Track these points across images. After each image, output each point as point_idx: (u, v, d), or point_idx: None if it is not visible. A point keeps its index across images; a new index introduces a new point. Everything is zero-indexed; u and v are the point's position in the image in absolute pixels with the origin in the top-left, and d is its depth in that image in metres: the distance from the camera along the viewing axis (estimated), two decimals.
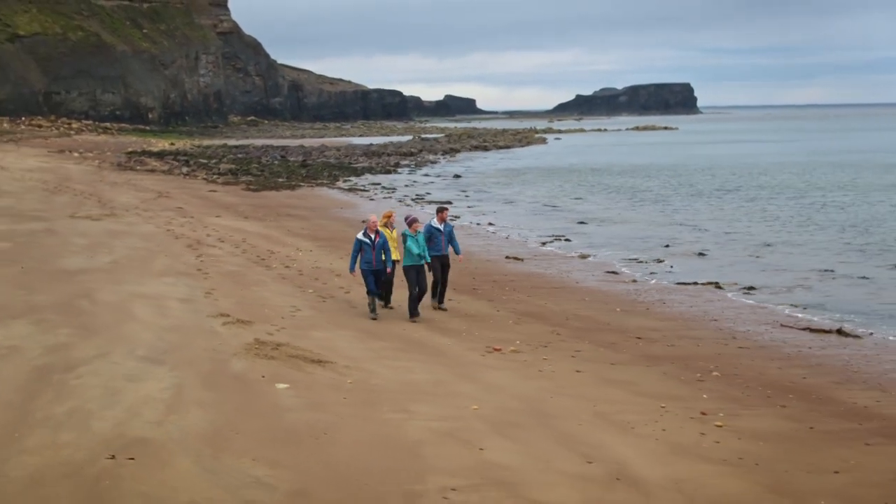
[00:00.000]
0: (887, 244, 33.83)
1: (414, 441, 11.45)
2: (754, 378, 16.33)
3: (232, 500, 9.15)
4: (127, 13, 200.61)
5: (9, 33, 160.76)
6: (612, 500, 10.04)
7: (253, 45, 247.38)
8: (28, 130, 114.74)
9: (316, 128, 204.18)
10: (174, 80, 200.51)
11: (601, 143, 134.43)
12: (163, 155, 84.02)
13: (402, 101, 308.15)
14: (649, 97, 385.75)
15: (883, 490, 10.92)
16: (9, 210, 33.04)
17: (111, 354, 14.30)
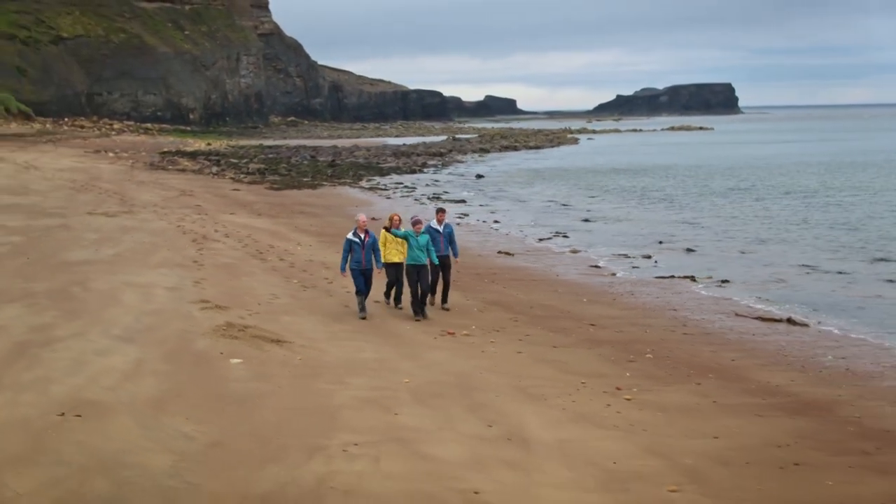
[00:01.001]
0: (871, 241, 34.86)
1: (336, 406, 12.96)
2: (685, 360, 17.63)
3: (156, 449, 10.68)
4: (169, 15, 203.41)
5: (52, 35, 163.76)
6: (495, 455, 11.46)
7: (294, 46, 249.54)
8: (70, 131, 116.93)
9: (355, 128, 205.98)
10: (215, 81, 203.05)
11: (632, 143, 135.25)
12: (195, 155, 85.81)
13: (441, 102, 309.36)
14: (690, 97, 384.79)
15: (750, 452, 12.28)
16: (32, 207, 34.81)
17: (88, 333, 15.91)
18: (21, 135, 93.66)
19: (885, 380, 16.95)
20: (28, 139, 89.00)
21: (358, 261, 19.49)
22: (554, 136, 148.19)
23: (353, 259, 19.54)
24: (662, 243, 35.63)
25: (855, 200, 49.91)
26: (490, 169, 79.39)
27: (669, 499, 10.44)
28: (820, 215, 43.54)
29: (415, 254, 19.76)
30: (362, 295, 19.54)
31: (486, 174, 73.14)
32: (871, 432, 13.58)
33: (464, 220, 42.01)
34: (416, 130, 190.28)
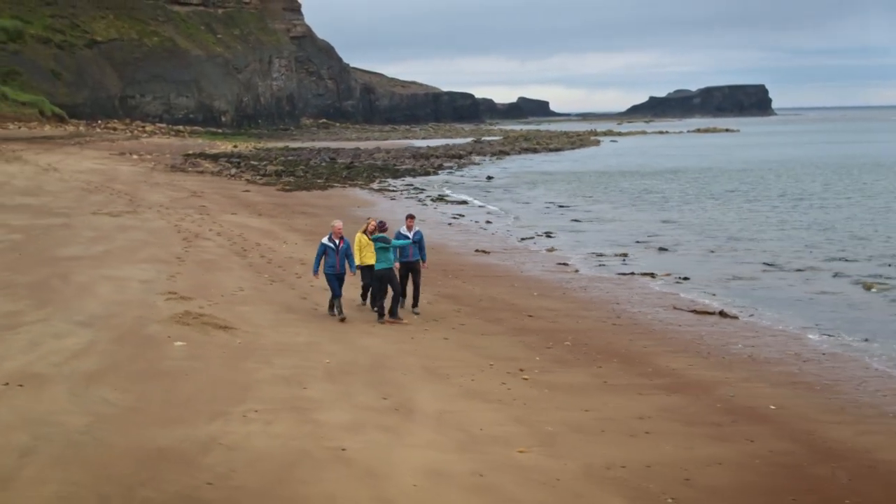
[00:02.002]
0: (838, 241, 36.39)
1: (253, 381, 14.80)
2: (599, 347, 19.31)
3: (77, 412, 12.56)
4: (202, 18, 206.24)
5: (87, 39, 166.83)
6: (375, 421, 13.25)
7: (326, 48, 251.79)
8: (100, 133, 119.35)
9: (385, 130, 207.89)
10: (247, 83, 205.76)
11: (653, 145, 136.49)
12: (217, 157, 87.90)
13: (473, 104, 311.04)
14: (723, 99, 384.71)
15: (610, 423, 14.00)
16: (40, 207, 36.92)
17: (52, 319, 17.85)
18: (51, 137, 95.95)
19: (780, 366, 18.50)
20: (57, 141, 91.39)
21: (332, 265, 20.00)
22: (576, 138, 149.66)
23: (327, 263, 20.04)
24: (639, 243, 37.12)
25: (845, 203, 51.20)
26: (502, 171, 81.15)
27: (515, 458, 12.16)
28: (801, 217, 44.92)
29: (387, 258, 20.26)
30: (338, 298, 20.12)
31: (497, 176, 74.87)
32: (736, 409, 15.21)
33: (457, 221, 43.77)
34: (445, 132, 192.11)
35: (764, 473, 12.19)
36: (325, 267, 20.13)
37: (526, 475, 11.42)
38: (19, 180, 47.63)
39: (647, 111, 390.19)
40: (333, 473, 10.91)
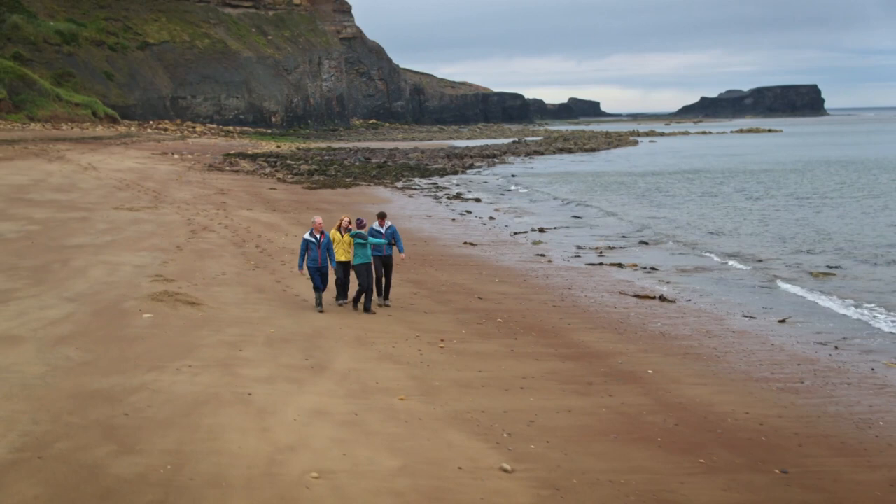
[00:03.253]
0: (809, 236, 38.45)
1: (199, 345, 17.43)
2: (526, 324, 21.66)
3: (38, 363, 15.29)
4: (253, 20, 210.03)
5: (139, 41, 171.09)
6: (287, 375, 15.81)
7: (376, 49, 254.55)
8: (148, 134, 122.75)
9: (433, 131, 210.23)
10: (297, 84, 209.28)
11: (688, 145, 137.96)
12: (256, 157, 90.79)
13: (522, 104, 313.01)
14: (775, 99, 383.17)
15: (495, 380, 16.41)
16: (66, 203, 39.94)
17: (43, 296, 20.66)
18: (100, 137, 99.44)
19: (684, 340, 20.78)
20: (104, 141, 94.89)
21: (314, 259, 21.06)
22: (614, 138, 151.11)
23: (309, 257, 21.05)
24: (625, 237, 39.37)
25: (848, 202, 52.97)
26: (527, 170, 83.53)
27: (393, 404, 14.68)
28: (790, 215, 46.86)
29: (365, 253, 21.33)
30: (319, 291, 21.20)
31: (521, 175, 77.30)
32: (617, 373, 17.60)
33: (462, 217, 46.24)
34: (491, 133, 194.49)
35: (603, 419, 14.59)
36: (307, 261, 21.20)
37: (394, 415, 13.94)
38: (56, 178, 50.68)
39: (698, 111, 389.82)
40: (232, 410, 13.52)
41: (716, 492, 11.67)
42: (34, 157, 63.36)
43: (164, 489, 10.43)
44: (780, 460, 13.00)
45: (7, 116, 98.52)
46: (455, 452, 12.40)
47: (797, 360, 19.21)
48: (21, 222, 31.85)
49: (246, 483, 10.76)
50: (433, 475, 11.51)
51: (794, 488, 11.95)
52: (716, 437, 13.88)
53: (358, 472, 11.37)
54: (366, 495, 10.67)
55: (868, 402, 16.34)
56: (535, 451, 12.75)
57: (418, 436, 13.02)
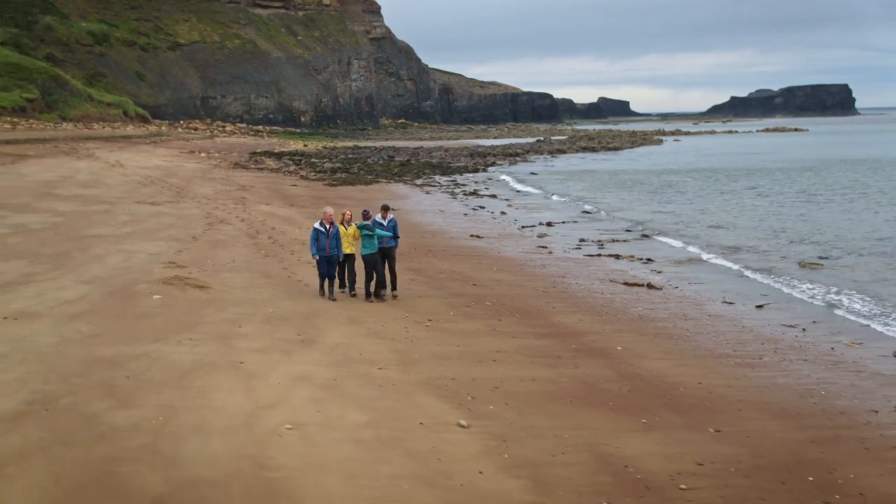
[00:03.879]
0: (804, 231, 39.63)
1: (202, 322, 18.96)
2: (513, 307, 23.04)
3: (52, 335, 16.89)
4: (282, 21, 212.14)
5: (170, 42, 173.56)
6: (281, 347, 17.31)
7: (405, 49, 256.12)
8: (177, 133, 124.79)
9: (461, 130, 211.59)
10: (326, 84, 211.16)
11: (712, 144, 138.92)
12: (282, 155, 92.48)
13: (552, 104, 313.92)
14: (805, 98, 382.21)
15: (471, 354, 17.82)
16: (91, 197, 41.71)
17: (61, 279, 22.29)
18: (129, 136, 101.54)
19: (660, 323, 22.10)
20: (134, 140, 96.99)
21: (322, 248, 21.70)
22: (638, 137, 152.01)
23: (318, 246, 21.68)
24: (629, 231, 40.71)
25: (852, 199, 54.06)
26: (547, 168, 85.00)
27: (372, 372, 16.16)
28: (792, 211, 48.03)
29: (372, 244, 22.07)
30: (324, 279, 22.11)
31: (540, 173, 78.76)
32: (588, 349, 18.97)
33: (474, 212, 47.71)
34: (519, 132, 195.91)
35: (563, 386, 16.03)
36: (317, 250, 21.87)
37: (370, 381, 15.44)
38: (83, 175, 52.52)
39: (728, 111, 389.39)
40: (223, 375, 15.07)
41: (648, 445, 13.07)
42: (64, 156, 65.30)
43: (153, 435, 11.96)
44: (716, 421, 14.34)
45: (40, 116, 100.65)
46: (419, 411, 13.86)
47: (762, 340, 20.44)
48: (46, 214, 33.51)
49: (225, 431, 12.27)
50: (395, 428, 12.98)
51: (721, 443, 13.31)
52: (663, 403, 15.24)
53: (327, 425, 12.85)
54: (330, 443, 12.16)
55: (818, 375, 17.61)
56: (493, 410, 14.19)
57: (389, 398, 14.48)
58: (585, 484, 11.38)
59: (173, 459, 11.13)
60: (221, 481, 10.53)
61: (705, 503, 11.09)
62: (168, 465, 10.91)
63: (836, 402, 15.81)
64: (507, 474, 11.51)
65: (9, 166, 52.39)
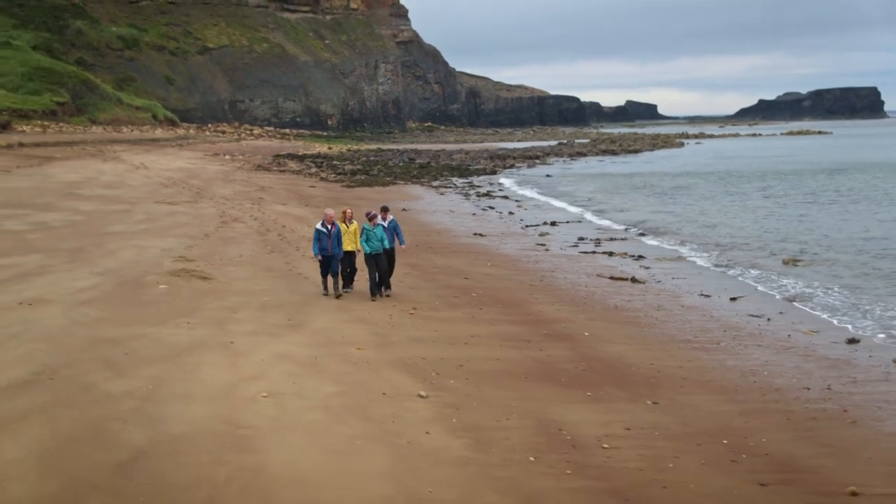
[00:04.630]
0: (793, 233, 40.97)
1: (201, 308, 20.66)
2: (497, 298, 24.55)
3: (61, 317, 18.63)
4: (310, 25, 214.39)
5: (199, 46, 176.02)
6: (270, 331, 18.93)
7: (432, 53, 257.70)
8: (204, 136, 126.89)
9: (486, 133, 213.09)
10: (353, 88, 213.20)
11: (733, 147, 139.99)
12: (305, 158, 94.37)
13: (578, 107, 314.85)
14: (834, 101, 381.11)
15: (446, 338, 19.35)
16: (112, 197, 43.60)
17: (75, 271, 24.04)
18: (157, 139, 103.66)
19: (633, 312, 23.54)
20: (161, 143, 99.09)
21: (325, 248, 22.50)
22: (659, 140, 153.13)
23: (320, 246, 22.48)
24: (629, 230, 42.20)
25: (856, 201, 55.34)
26: (564, 171, 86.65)
27: (350, 351, 17.76)
28: (792, 211, 49.35)
29: (373, 244, 22.82)
30: (325, 277, 22.96)
31: (556, 175, 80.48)
32: (557, 335, 20.46)
33: (483, 212, 49.35)
34: (544, 136, 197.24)
35: (524, 366, 17.59)
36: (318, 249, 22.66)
37: (347, 359, 17.06)
38: (107, 176, 54.51)
39: (756, 114, 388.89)
40: (213, 353, 16.74)
41: (586, 413, 14.64)
42: (90, 158, 67.42)
43: (143, 401, 13.66)
44: (656, 395, 15.89)
45: (70, 120, 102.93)
46: (386, 384, 15.49)
47: (724, 328, 21.90)
48: (67, 213, 35.35)
49: (207, 398, 13.94)
50: (361, 397, 14.62)
51: (654, 413, 14.87)
52: (612, 380, 16.79)
53: (300, 395, 14.51)
54: (300, 409, 13.82)
55: (767, 358, 19.07)
56: (453, 384, 15.80)
57: (361, 373, 16.12)
58: (520, 443, 12.92)
59: (157, 420, 12.76)
60: (195, 436, 12.17)
61: (622, 459, 12.55)
62: (151, 425, 12.55)
63: (775, 381, 17.16)
64: (451, 435, 13.06)
65: (36, 168, 54.37)
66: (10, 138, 72.73)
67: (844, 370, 18.25)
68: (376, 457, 11.96)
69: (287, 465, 11.39)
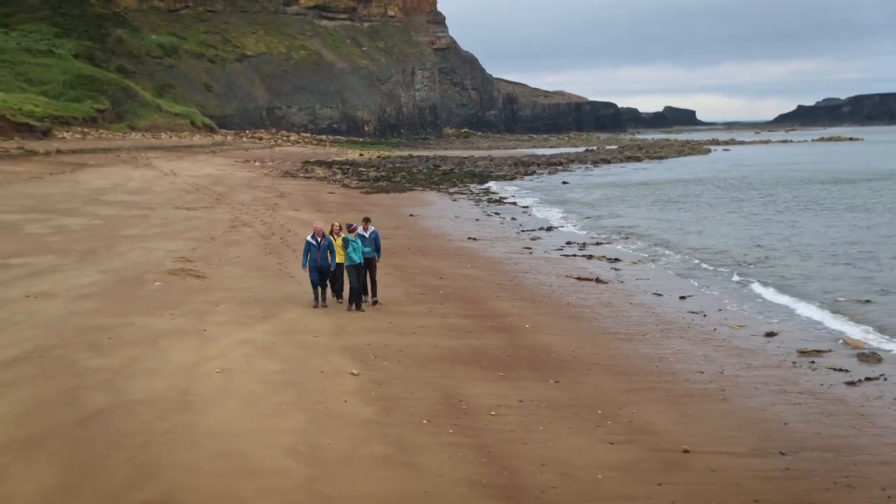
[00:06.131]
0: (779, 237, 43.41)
1: (188, 301, 23.53)
2: (461, 296, 27.05)
3: (62, 308, 21.53)
4: (348, 32, 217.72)
5: (237, 54, 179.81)
6: (243, 321, 21.73)
7: (469, 59, 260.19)
8: (247, 142, 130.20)
9: (522, 140, 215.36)
10: (390, 94, 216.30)
11: (759, 154, 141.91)
12: (332, 164, 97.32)
13: (615, 113, 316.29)
14: (873, 107, 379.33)
15: (399, 328, 21.98)
16: (134, 203, 46.71)
17: (82, 269, 27.04)
18: (191, 146, 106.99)
19: (582, 309, 26.02)
20: (195, 150, 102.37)
21: (314, 259, 23.15)
22: (686, 147, 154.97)
23: (310, 258, 23.13)
24: (616, 235, 44.74)
25: (848, 210, 57.51)
26: (581, 178, 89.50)
27: (307, 338, 20.44)
28: (784, 218, 51.66)
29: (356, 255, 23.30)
30: (317, 287, 23.53)
31: (572, 182, 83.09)
32: (500, 326, 22.93)
33: (487, 217, 52.04)
34: (578, 142, 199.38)
35: (456, 351, 20.17)
36: (309, 261, 23.41)
37: (301, 345, 19.82)
38: (135, 182, 57.75)
39: (794, 120, 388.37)
40: (186, 338, 19.53)
41: (491, 389, 17.28)
42: (122, 164, 70.80)
43: (113, 374, 16.50)
44: (561, 376, 18.48)
45: (110, 126, 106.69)
46: (326, 364, 18.25)
47: (659, 323, 24.36)
48: (87, 218, 38.44)
49: (169, 374, 16.76)
50: (299, 373, 17.39)
51: (551, 390, 17.47)
52: (529, 364, 19.39)
53: (248, 371, 17.30)
54: (244, 381, 16.61)
55: (681, 348, 21.52)
56: (386, 365, 18.51)
57: (309, 355, 18.88)
58: (421, 410, 15.61)
59: (121, 389, 15.60)
60: (150, 401, 14.99)
61: (501, 423, 15.20)
62: (115, 392, 15.39)
63: (676, 366, 19.67)
64: (365, 404, 15.80)
65: (68, 175, 57.71)
66: (49, 145, 76.26)
67: (746, 358, 20.59)
68: (295, 418, 14.69)
69: (218, 422, 14.16)
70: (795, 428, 15.62)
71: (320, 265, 23.42)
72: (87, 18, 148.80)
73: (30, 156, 66.97)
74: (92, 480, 11.67)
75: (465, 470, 12.85)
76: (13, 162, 62.06)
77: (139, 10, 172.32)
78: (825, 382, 18.71)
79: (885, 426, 16.02)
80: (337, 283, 24.30)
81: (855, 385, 18.70)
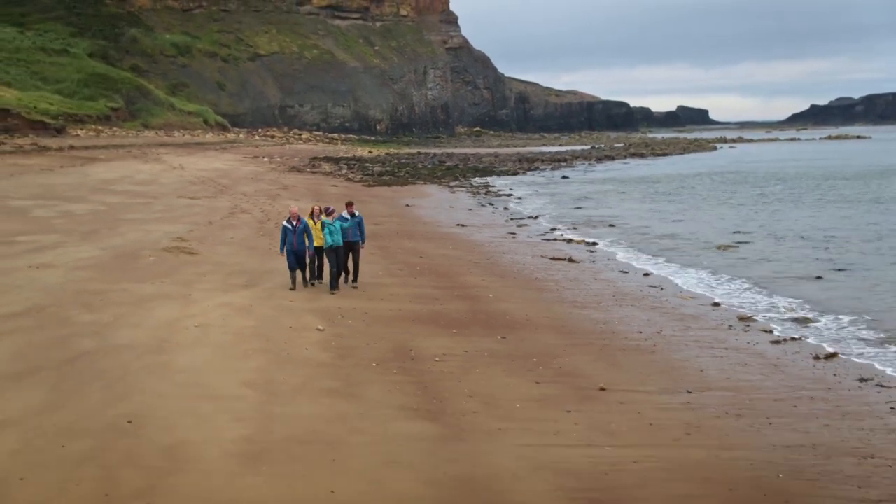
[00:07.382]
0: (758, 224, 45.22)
1: (178, 273, 25.63)
2: (437, 272, 28.78)
3: (60, 276, 23.57)
4: (360, 31, 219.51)
5: (250, 53, 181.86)
6: (227, 289, 23.86)
7: (481, 59, 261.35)
8: (259, 140, 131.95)
9: (533, 138, 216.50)
10: (402, 93, 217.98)
11: (764, 151, 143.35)
12: (339, 160, 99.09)
13: (628, 112, 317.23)
14: (886, 106, 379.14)
15: (372, 298, 24.02)
16: (139, 192, 48.79)
17: (83, 246, 29.10)
18: (203, 143, 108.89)
19: (546, 282, 27.64)
20: (206, 146, 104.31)
21: (290, 242, 23.37)
22: (692, 144, 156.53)
23: (287, 242, 23.37)
24: (601, 222, 46.57)
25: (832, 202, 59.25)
26: (582, 173, 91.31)
27: (283, 303, 22.41)
28: (768, 207, 53.50)
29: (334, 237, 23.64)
30: (293, 271, 23.78)
31: (572, 177, 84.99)
32: (465, 296, 24.67)
33: (481, 207, 53.86)
34: (589, 140, 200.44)
35: (418, 314, 21.99)
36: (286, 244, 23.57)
37: (276, 307, 21.81)
38: (142, 175, 59.84)
39: (807, 119, 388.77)
40: (171, 301, 21.56)
41: (442, 342, 19.12)
42: (132, 159, 72.93)
43: (102, 326, 18.55)
44: (509, 333, 20.32)
45: (123, 124, 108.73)
46: (297, 322, 20.24)
47: (616, 294, 26.14)
48: (93, 204, 40.55)
49: (152, 327, 18.80)
50: (271, 328, 19.39)
51: (496, 344, 19.36)
52: (484, 325, 21.24)
53: (224, 326, 19.32)
54: (219, 334, 18.62)
55: (629, 313, 23.30)
56: (350, 323, 20.49)
57: (283, 316, 20.89)
58: (373, 357, 17.56)
59: (107, 337, 17.64)
60: (131, 347, 17.02)
61: (442, 367, 17.10)
62: (101, 339, 17.43)
63: (618, 328, 21.49)
64: (324, 352, 17.77)
65: (78, 168, 59.91)
66: (62, 142, 78.44)
67: (686, 322, 22.38)
68: (258, 361, 16.69)
69: (189, 363, 16.17)
70: (709, 374, 17.39)
71: (296, 248, 23.62)
72: (101, 18, 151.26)
73: (43, 151, 69.05)
74: (72, 401, 13.68)
75: (400, 399, 14.79)
76: (26, 156, 64.22)
77: (153, 9, 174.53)
78: (752, 341, 20.41)
79: (793, 374, 17.76)
80: (318, 265, 24.65)
81: (779, 343, 20.38)
